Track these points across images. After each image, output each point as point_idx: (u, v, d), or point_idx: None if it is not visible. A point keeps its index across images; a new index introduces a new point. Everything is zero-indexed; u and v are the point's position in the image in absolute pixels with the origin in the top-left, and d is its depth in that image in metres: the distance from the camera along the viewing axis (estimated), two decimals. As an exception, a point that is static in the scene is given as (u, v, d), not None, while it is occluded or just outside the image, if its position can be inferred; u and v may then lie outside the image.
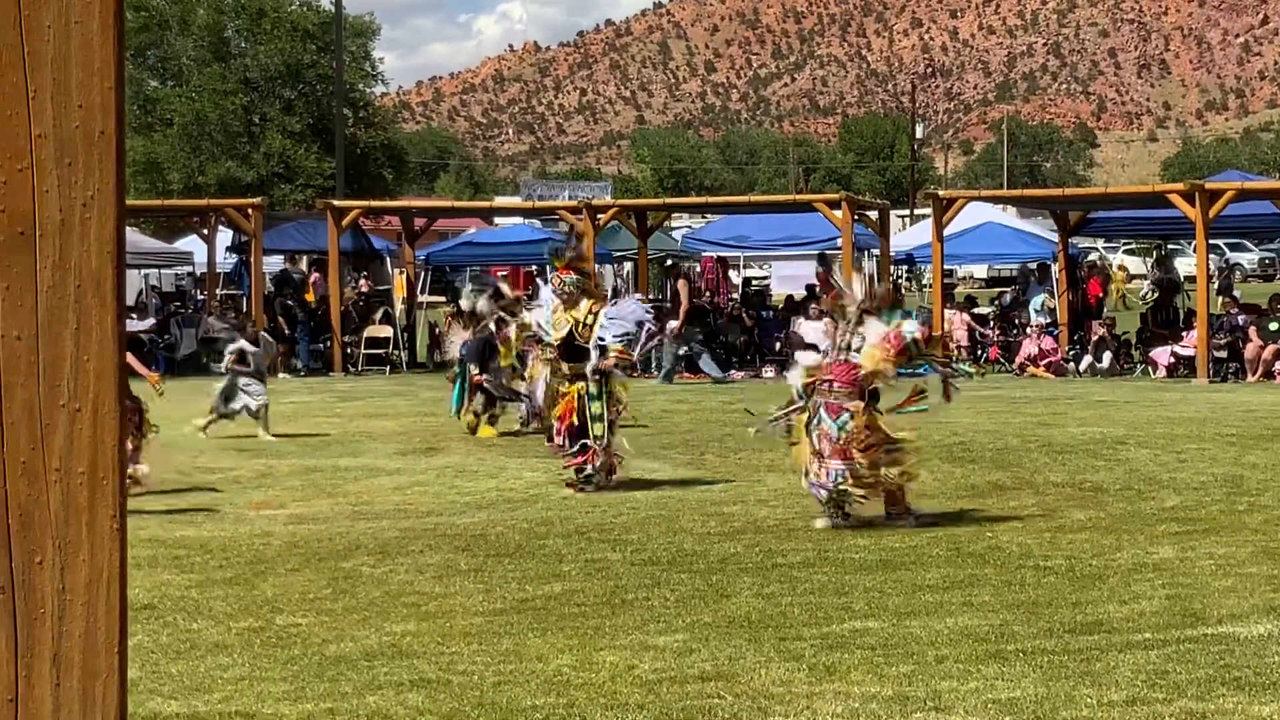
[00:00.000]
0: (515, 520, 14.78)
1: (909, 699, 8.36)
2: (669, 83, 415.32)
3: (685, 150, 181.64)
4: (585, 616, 10.59)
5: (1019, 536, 13.57)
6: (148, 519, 14.59)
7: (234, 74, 67.81)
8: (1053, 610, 10.59)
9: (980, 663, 9.11)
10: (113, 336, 2.34)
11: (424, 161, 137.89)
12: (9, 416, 2.32)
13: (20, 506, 2.32)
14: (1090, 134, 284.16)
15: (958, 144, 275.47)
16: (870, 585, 11.53)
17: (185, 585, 11.79)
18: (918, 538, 13.52)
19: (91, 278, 2.34)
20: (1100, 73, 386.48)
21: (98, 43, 2.33)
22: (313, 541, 13.69)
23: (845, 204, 34.95)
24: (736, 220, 44.42)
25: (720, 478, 17.75)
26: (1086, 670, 8.91)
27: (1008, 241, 43.15)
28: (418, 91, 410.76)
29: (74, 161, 2.33)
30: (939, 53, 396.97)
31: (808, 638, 9.82)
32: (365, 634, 10.11)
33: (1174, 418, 23.39)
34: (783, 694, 8.50)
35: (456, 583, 11.81)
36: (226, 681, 8.93)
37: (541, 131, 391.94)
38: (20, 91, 2.31)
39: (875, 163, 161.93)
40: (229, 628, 10.34)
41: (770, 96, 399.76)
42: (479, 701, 8.41)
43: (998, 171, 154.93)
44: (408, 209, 42.82)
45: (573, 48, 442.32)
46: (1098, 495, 15.98)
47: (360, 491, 16.88)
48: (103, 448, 2.36)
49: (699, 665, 9.16)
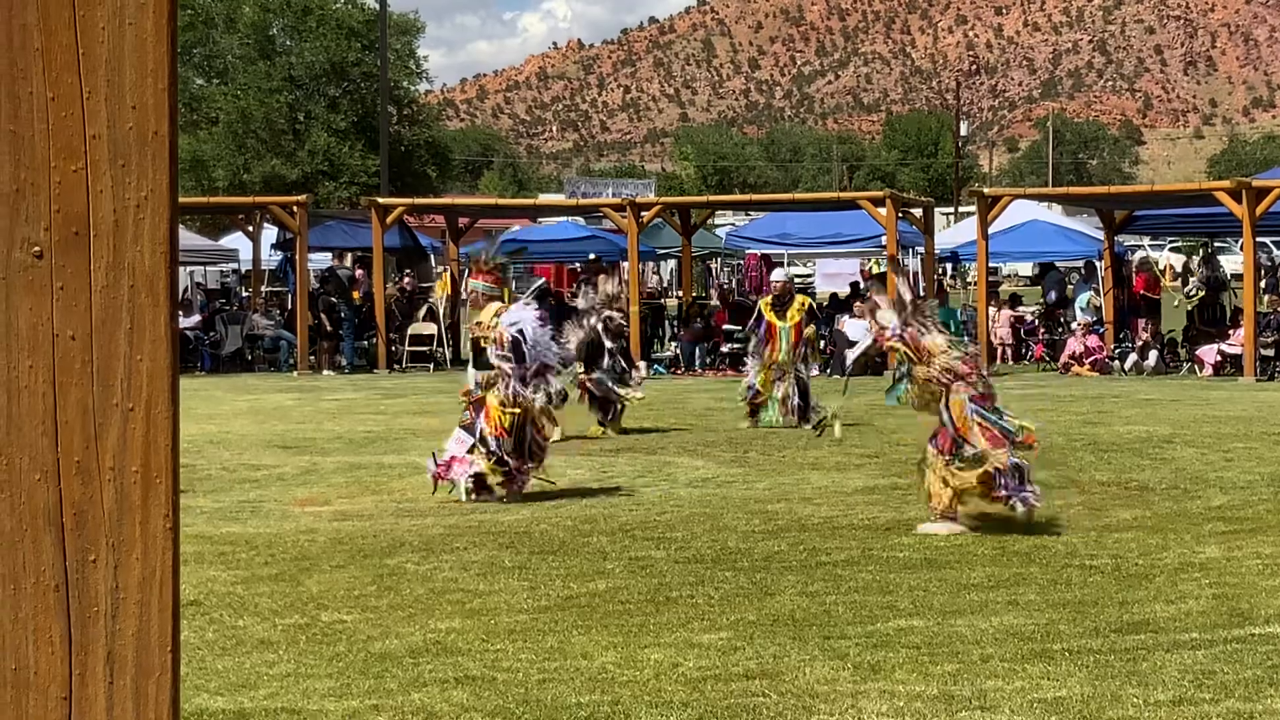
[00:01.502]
0: (559, 517, 14.78)
1: (954, 698, 8.35)
2: (713, 80, 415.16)
3: (729, 148, 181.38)
4: (630, 614, 10.59)
5: (1065, 535, 13.52)
6: (194, 515, 14.65)
7: (279, 72, 68.01)
8: (1099, 609, 10.55)
9: (1026, 662, 9.08)
10: (166, 336, 2.36)
11: (468, 159, 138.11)
12: (63, 416, 2.33)
13: (74, 506, 2.34)
14: (1136, 131, 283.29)
15: (1002, 141, 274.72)
16: (915, 584, 11.50)
17: (230, 581, 11.83)
18: (962, 537, 13.48)
19: (145, 278, 2.35)
20: (1146, 69, 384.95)
21: (151, 43, 2.34)
22: (357, 538, 13.72)
23: (890, 202, 34.87)
24: (780, 218, 44.39)
25: (764, 475, 17.73)
26: (1133, 670, 8.88)
27: (1053, 239, 43.03)
28: (461, 89, 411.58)
29: (127, 162, 2.35)
30: (983, 49, 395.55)
31: (852, 636, 9.80)
32: (410, 631, 10.12)
33: (1220, 416, 23.28)
34: (827, 692, 8.49)
35: (501, 580, 11.83)
36: (272, 678, 8.96)
37: (585, 129, 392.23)
38: (75, 92, 2.32)
39: (919, 160, 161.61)
40: (274, 624, 10.37)
41: (814, 94, 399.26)
42: (524, 699, 8.42)
43: (1043, 169, 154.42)
44: (452, 206, 42.89)
45: (616, 45, 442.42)
46: (1144, 494, 15.92)
47: (404, 488, 16.91)
48: (156, 447, 2.37)
49: (743, 663, 9.15)
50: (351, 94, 69.81)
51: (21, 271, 2.33)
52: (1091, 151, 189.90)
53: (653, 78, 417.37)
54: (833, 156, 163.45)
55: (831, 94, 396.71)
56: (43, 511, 2.34)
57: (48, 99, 2.33)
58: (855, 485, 16.85)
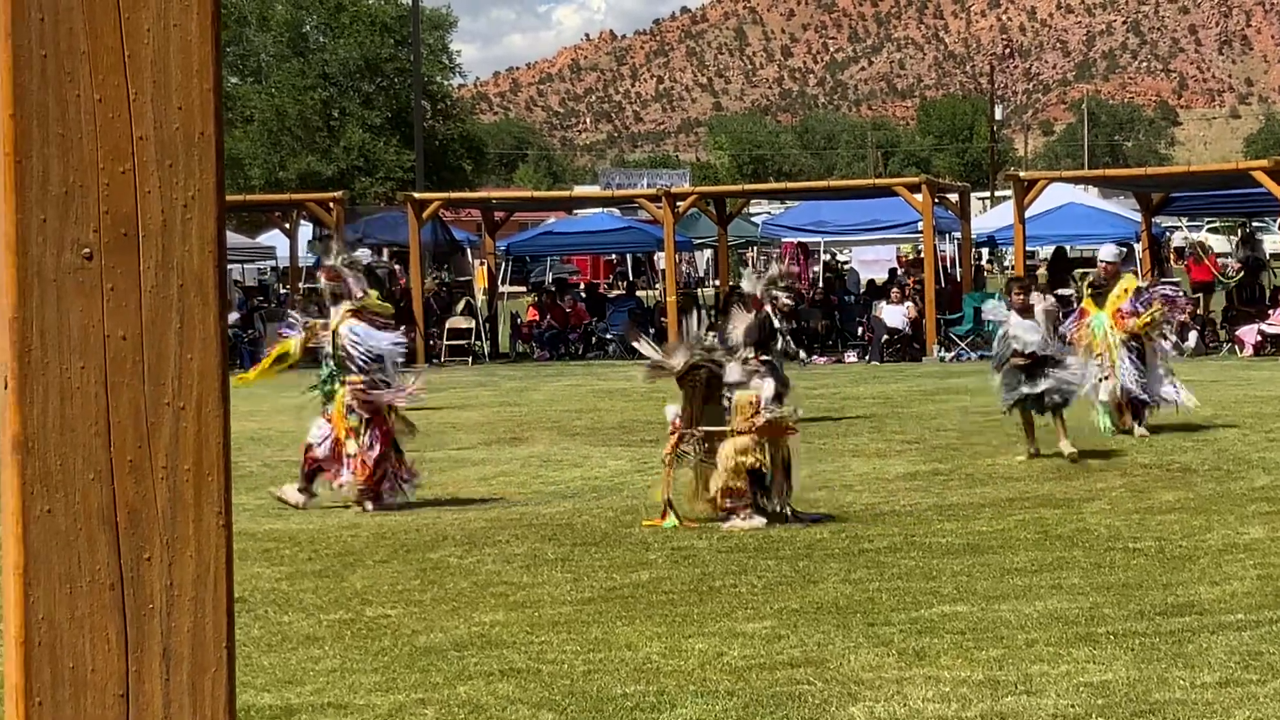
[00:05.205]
0: (601, 509, 14.80)
1: (1000, 683, 8.34)
2: (746, 69, 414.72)
3: (763, 136, 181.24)
4: (673, 604, 10.60)
5: (1107, 519, 13.50)
6: (237, 513, 14.65)
7: (313, 69, 68.21)
8: (1143, 592, 10.53)
9: (1071, 646, 9.07)
10: (215, 335, 2.37)
11: (502, 152, 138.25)
12: (115, 416, 2.35)
13: (128, 505, 2.35)
14: (1172, 112, 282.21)
15: (1037, 125, 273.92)
16: (958, 569, 11.49)
17: (275, 578, 11.88)
18: (1005, 521, 13.47)
19: (194, 277, 2.37)
20: (1181, 50, 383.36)
21: (196, 44, 2.36)
22: (400, 533, 13.76)
23: (925, 187, 34.82)
24: (816, 206, 44.31)
25: (805, 463, 17.71)
26: (1179, 652, 8.86)
27: (1090, 222, 42.85)
28: (495, 82, 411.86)
29: (175, 163, 2.36)
30: (1017, 33, 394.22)
31: (896, 623, 9.80)
32: (454, 624, 10.15)
33: (1262, 396, 23.18)
34: (872, 679, 8.50)
35: (544, 572, 11.85)
36: (318, 673, 8.99)
37: (619, 120, 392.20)
38: (121, 94, 2.34)
39: (954, 145, 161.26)
40: (319, 620, 10.41)
41: (847, 80, 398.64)
42: (569, 690, 8.44)
43: (1078, 152, 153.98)
44: (487, 200, 42.93)
45: (649, 35, 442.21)
46: (1186, 476, 15.87)
47: (446, 482, 16.94)
48: (208, 445, 2.39)
49: (788, 651, 9.16)
50: (385, 89, 69.99)
51: (71, 273, 2.35)
52: (1127, 133, 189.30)
53: (686, 67, 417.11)
54: (867, 143, 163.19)
55: (865, 80, 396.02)
56: (97, 511, 2.36)
57: (95, 101, 2.35)
58: (897, 471, 16.84)
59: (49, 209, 2.34)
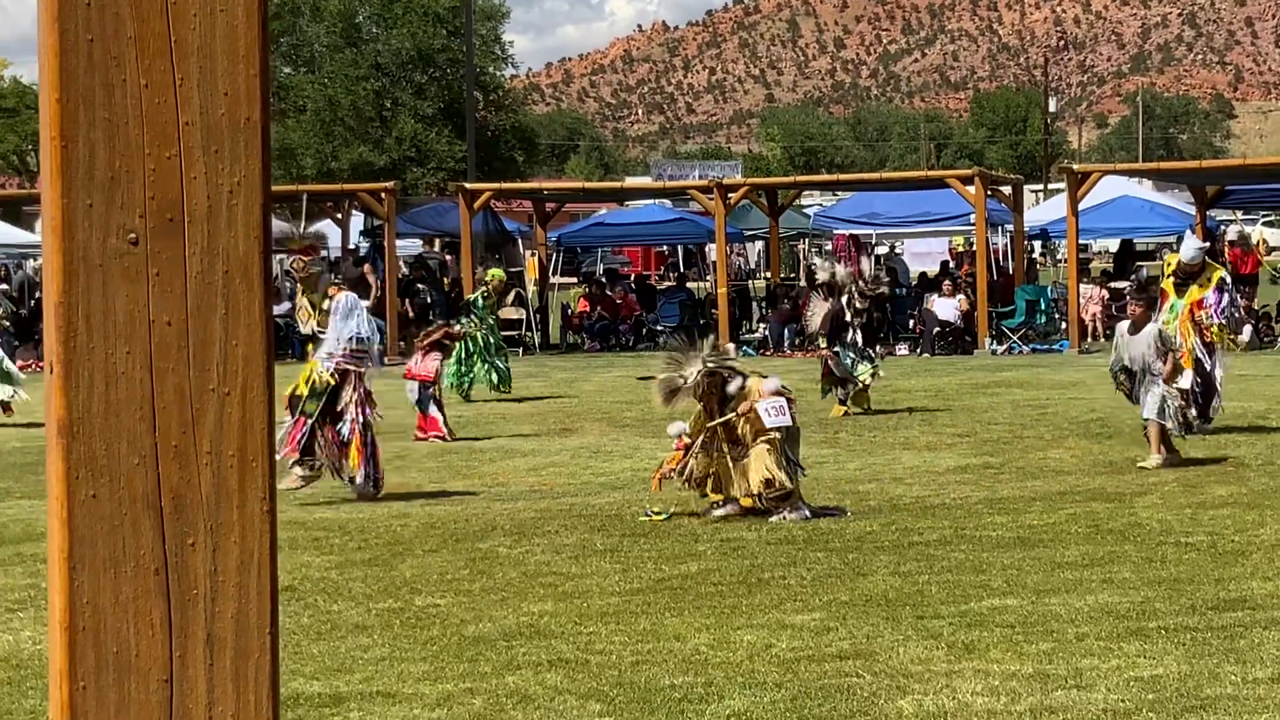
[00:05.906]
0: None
1: (1050, 677, 8.30)
2: (798, 60, 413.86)
3: (815, 128, 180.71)
4: (722, 595, 10.59)
5: (1159, 513, 13.42)
6: (287, 501, 14.74)
7: (365, 59, 68.31)
8: (1194, 587, 10.47)
9: (1121, 640, 9.02)
10: (261, 321, 2.37)
11: (554, 143, 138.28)
12: (160, 401, 2.35)
13: (172, 490, 2.35)
14: (1227, 105, 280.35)
15: (1091, 117, 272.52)
16: (1008, 563, 11.44)
17: (325, 567, 11.91)
18: (1055, 515, 13.41)
19: (239, 263, 2.37)
20: (1236, 42, 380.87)
21: (242, 29, 2.36)
22: (449, 523, 13.78)
23: (978, 180, 34.70)
24: (868, 198, 44.19)
25: (855, 456, 17.68)
26: (1230, 647, 8.80)
27: (1143, 215, 42.63)
28: (547, 73, 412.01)
29: (220, 149, 2.36)
30: (1071, 25, 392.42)
31: (946, 616, 9.77)
32: (503, 614, 10.16)
33: (1316, 392, 23.04)
34: (921, 672, 8.47)
35: (593, 563, 11.85)
36: (367, 662, 9.01)
37: (671, 111, 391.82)
38: (168, 80, 2.34)
39: (1008, 137, 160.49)
40: (369, 609, 10.44)
41: (900, 72, 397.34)
42: (617, 681, 8.44)
43: (1132, 144, 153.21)
44: (539, 191, 42.94)
45: (701, 27, 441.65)
46: (1239, 470, 15.77)
47: (496, 472, 16.97)
48: (252, 431, 2.39)
49: (836, 644, 9.13)
50: (438, 80, 70.06)
51: (117, 258, 2.35)
52: (1182, 126, 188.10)
53: (738, 59, 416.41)
54: (920, 135, 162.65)
55: (918, 72, 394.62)
56: (141, 496, 2.36)
57: (141, 86, 2.35)
58: (947, 465, 16.78)
59: (95, 194, 2.34)
